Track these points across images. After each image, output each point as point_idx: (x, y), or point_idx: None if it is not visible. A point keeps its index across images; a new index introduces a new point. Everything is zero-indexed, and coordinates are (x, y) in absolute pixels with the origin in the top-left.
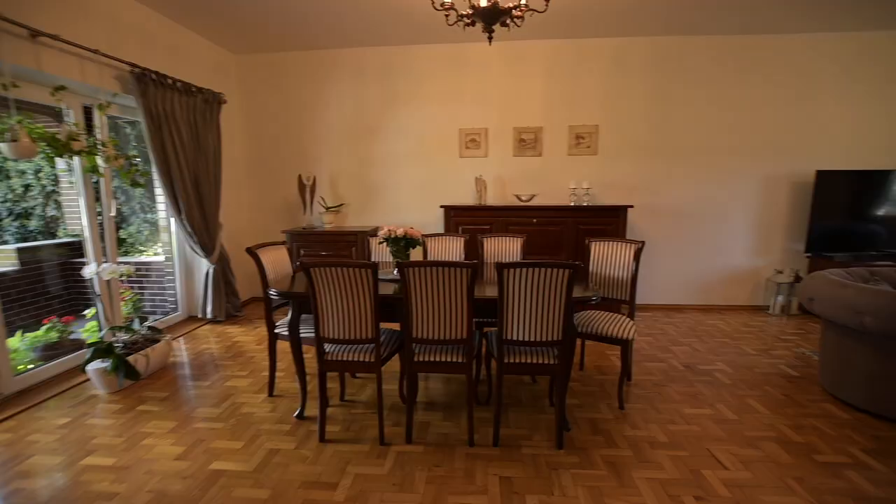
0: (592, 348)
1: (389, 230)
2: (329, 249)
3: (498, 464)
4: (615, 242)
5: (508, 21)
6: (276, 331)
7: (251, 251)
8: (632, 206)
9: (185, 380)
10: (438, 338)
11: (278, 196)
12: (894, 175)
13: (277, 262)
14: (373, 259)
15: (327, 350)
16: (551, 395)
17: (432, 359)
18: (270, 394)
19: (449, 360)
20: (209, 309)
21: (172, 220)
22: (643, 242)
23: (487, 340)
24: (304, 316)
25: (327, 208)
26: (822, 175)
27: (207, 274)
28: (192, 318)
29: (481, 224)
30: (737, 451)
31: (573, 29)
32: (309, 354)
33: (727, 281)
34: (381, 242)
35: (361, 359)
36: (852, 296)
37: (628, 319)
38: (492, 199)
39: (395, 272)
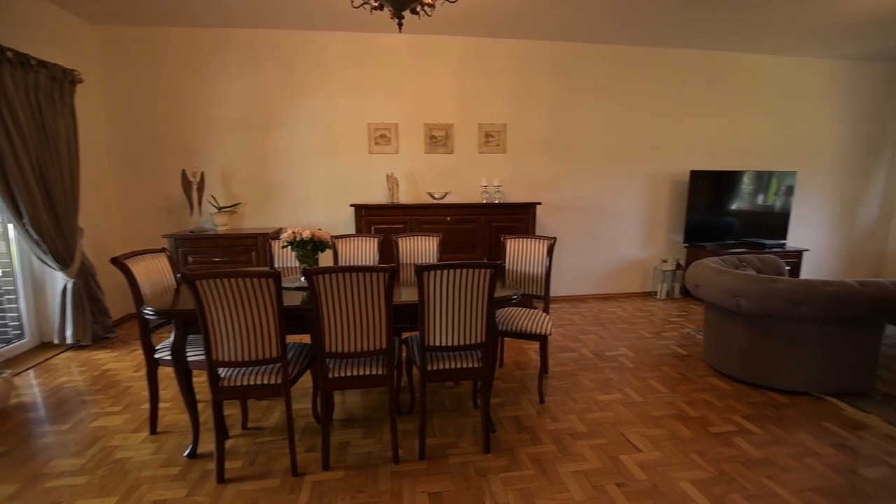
0: (510, 344)
1: (294, 232)
2: (223, 255)
3: (426, 479)
4: (529, 239)
5: (419, 8)
6: (157, 355)
7: (118, 261)
8: (540, 204)
9: (35, 425)
10: (355, 350)
11: (158, 195)
12: (742, 175)
13: (155, 273)
14: (276, 264)
15: (222, 375)
16: (475, 396)
17: (349, 373)
18: (153, 431)
19: (367, 373)
20: (69, 332)
21: (11, 225)
22: (555, 238)
23: (408, 347)
24: (192, 336)
25: (220, 208)
26: (694, 174)
27: (65, 290)
28: (45, 345)
29: (394, 223)
30: (646, 431)
31: (482, 28)
32: (201, 378)
33: (622, 270)
34: (284, 246)
35: (266, 381)
36: (730, 281)
37: (545, 315)
38: (404, 197)
39: (302, 279)
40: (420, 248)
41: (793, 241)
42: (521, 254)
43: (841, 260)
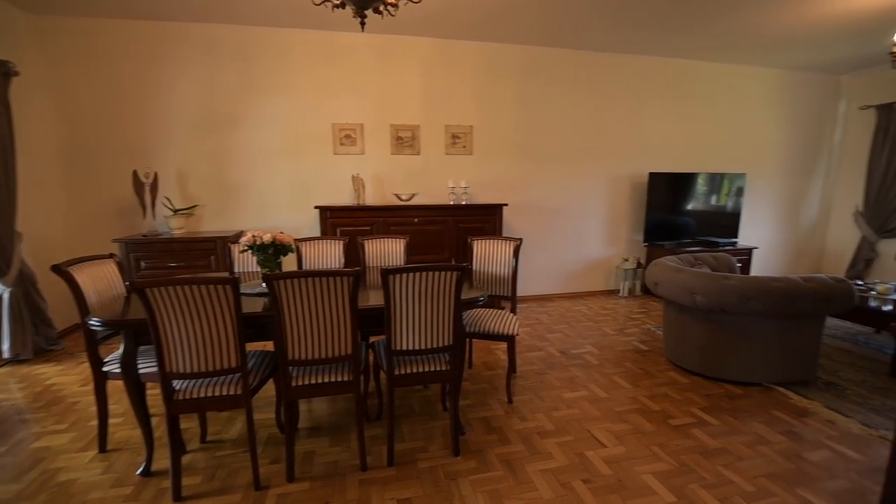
0: (478, 344)
1: (254, 236)
2: (180, 260)
3: (395, 486)
4: (496, 240)
5: (382, 8)
6: (106, 368)
7: (60, 269)
8: (506, 205)
9: None
10: (319, 357)
11: (107, 197)
12: (696, 177)
13: (102, 280)
14: (236, 269)
15: (177, 387)
16: (444, 399)
17: (313, 381)
18: (102, 449)
19: (333, 379)
20: (6, 346)
21: None
22: (521, 239)
23: (375, 351)
24: (144, 346)
25: (175, 211)
26: (653, 176)
27: (0, 299)
28: None
29: (361, 225)
30: (611, 427)
31: (447, 29)
32: (156, 390)
33: (586, 270)
34: (243, 251)
35: (224, 392)
36: (686, 279)
37: (512, 315)
38: (371, 198)
39: (263, 285)
40: (387, 251)
41: (743, 239)
42: (488, 255)
43: (786, 257)
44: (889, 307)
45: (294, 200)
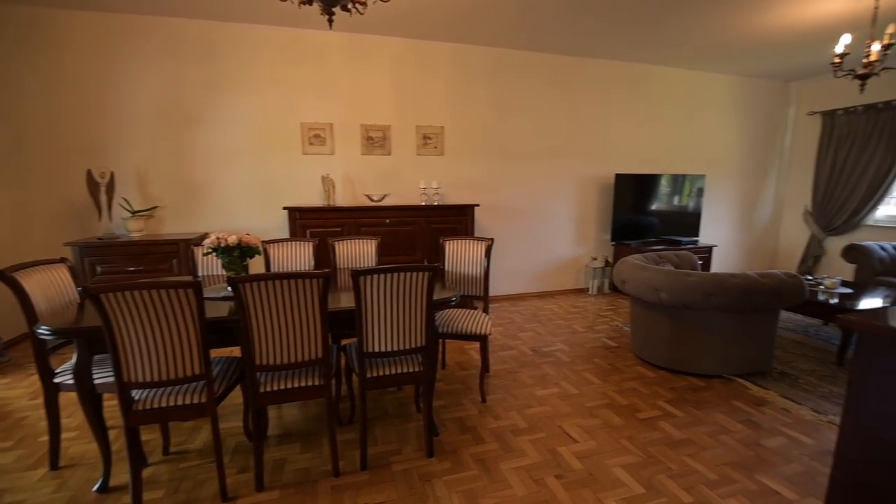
0: (451, 345)
1: (219, 238)
2: (139, 264)
3: (368, 490)
4: (467, 240)
5: (350, 6)
6: (58, 379)
7: (4, 275)
8: (478, 205)
9: None
10: (288, 361)
11: (59, 198)
12: (660, 178)
13: (53, 286)
14: (200, 273)
15: (136, 397)
16: (417, 400)
17: (283, 386)
18: (54, 466)
19: (303, 384)
20: None
21: None
22: (492, 239)
23: (346, 354)
24: (100, 355)
25: (134, 212)
26: (619, 177)
27: None
28: None
29: (331, 226)
30: (582, 422)
31: (418, 30)
32: (113, 401)
33: (557, 269)
34: (207, 253)
35: (188, 401)
36: (651, 276)
37: (484, 315)
38: (341, 199)
39: (228, 289)
40: (358, 252)
41: (704, 238)
42: (460, 255)
43: (743, 254)
44: (835, 300)
45: (261, 201)
